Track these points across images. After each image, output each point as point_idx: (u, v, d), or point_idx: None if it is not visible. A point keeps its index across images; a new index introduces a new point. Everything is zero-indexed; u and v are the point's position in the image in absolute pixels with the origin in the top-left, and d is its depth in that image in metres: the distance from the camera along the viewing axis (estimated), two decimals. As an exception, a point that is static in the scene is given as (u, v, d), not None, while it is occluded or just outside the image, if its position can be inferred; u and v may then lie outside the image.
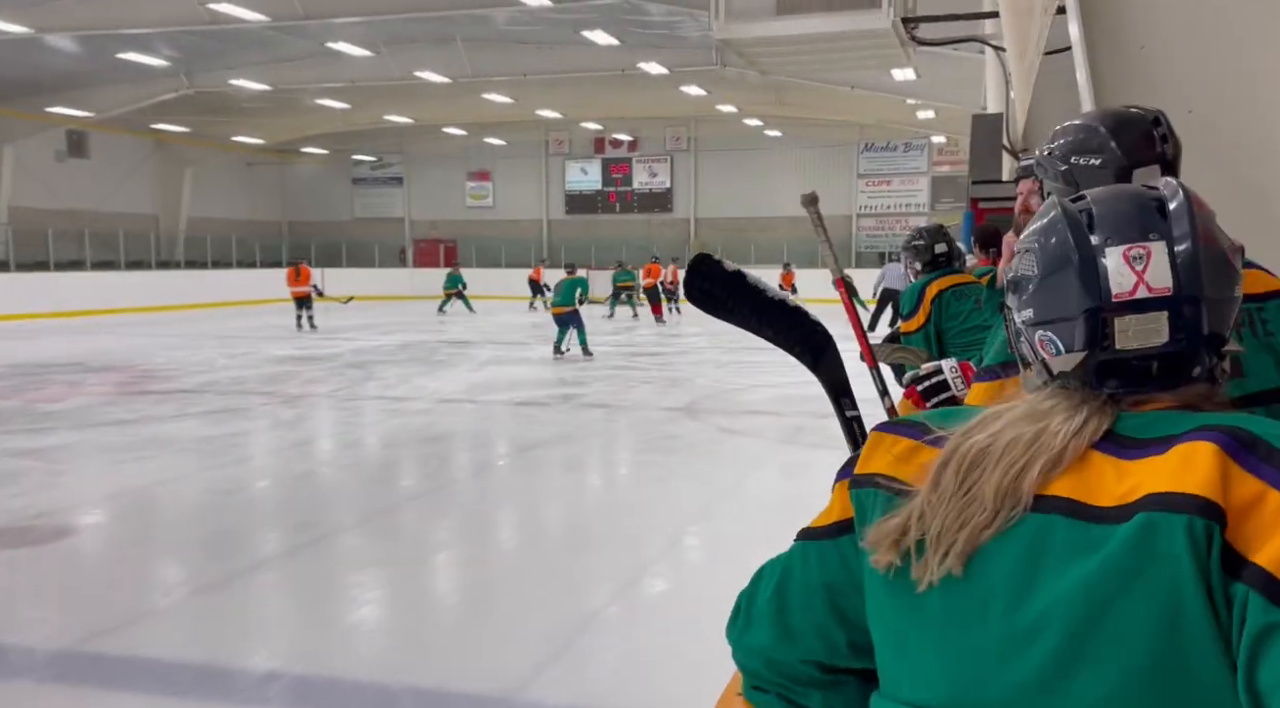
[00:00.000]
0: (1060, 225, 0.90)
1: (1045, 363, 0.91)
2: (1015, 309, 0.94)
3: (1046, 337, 0.90)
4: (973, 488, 0.84)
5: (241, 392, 10.69)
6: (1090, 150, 1.64)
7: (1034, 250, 0.92)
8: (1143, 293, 0.85)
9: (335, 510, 6.00)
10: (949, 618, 0.83)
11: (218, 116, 27.06)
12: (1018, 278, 0.93)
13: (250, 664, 3.64)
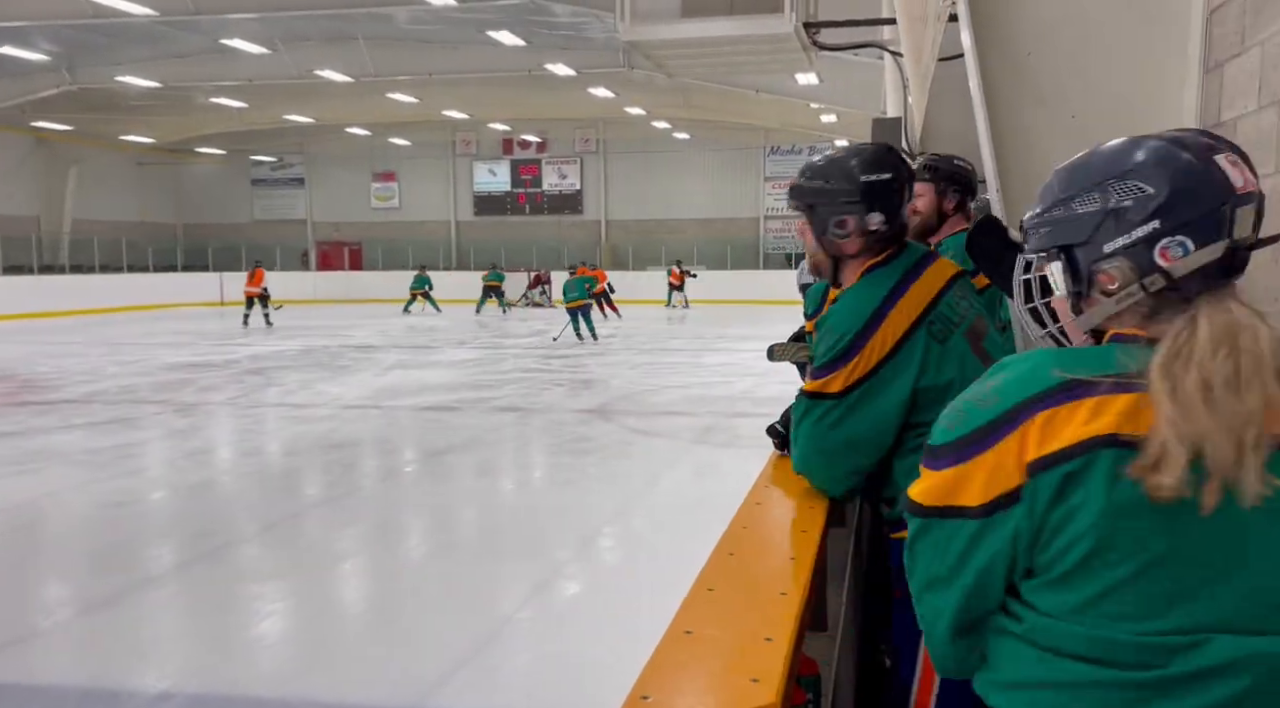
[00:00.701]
0: (1172, 146, 1.03)
1: (1167, 270, 1.01)
2: (1118, 232, 1.03)
3: (1174, 241, 1.01)
4: (1239, 407, 0.92)
5: (132, 401, 10.22)
6: (883, 166, 1.96)
7: (1140, 175, 1.03)
8: (1248, 187, 1.02)
9: (234, 521, 5.79)
10: (1244, 533, 0.94)
11: (104, 114, 25.83)
12: (1118, 207, 1.03)
13: (141, 685, 3.48)
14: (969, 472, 1.01)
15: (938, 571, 1.05)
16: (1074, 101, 3.17)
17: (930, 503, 1.05)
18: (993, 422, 1.00)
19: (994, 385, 1.04)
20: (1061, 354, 1.06)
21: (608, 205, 32.72)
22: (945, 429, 1.05)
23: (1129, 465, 0.93)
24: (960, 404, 1.06)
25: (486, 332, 19.05)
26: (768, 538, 1.77)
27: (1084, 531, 0.95)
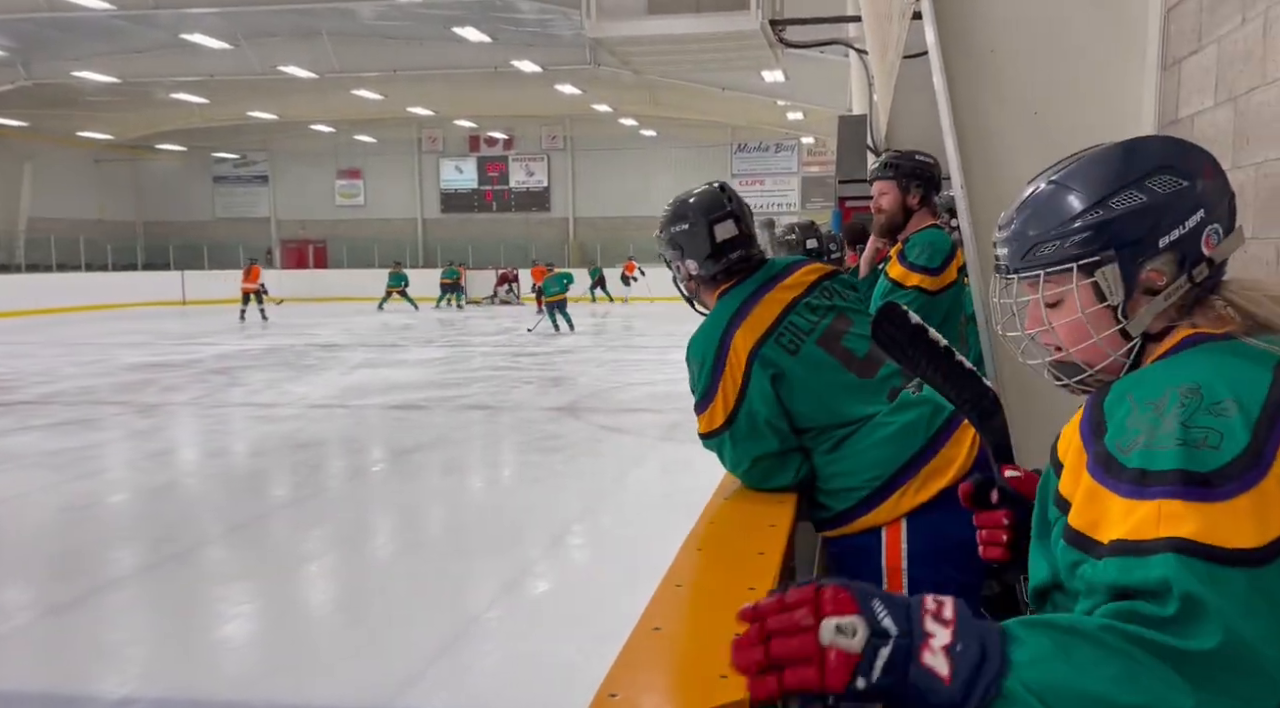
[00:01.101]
0: (1184, 143, 1.08)
1: (1210, 257, 1.02)
2: (1172, 226, 1.01)
3: (1213, 230, 1.02)
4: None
5: (91, 402, 10.03)
6: (681, 218, 2.15)
7: (1172, 168, 1.03)
8: None
9: (198, 523, 5.70)
10: None
11: (60, 110, 25.31)
12: (1158, 202, 1.02)
13: (102, 689, 3.42)
14: (1265, 496, 0.82)
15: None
16: (1036, 99, 3.20)
17: (1260, 543, 0.80)
18: (1260, 421, 0.86)
19: (1199, 391, 0.89)
20: (1187, 355, 0.99)
21: (575, 203, 32.65)
22: (1198, 451, 0.84)
23: None
24: (1179, 421, 0.87)
25: (454, 330, 18.93)
26: (736, 534, 1.78)
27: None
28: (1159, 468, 0.85)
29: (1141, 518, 0.84)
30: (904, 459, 1.91)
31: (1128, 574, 0.82)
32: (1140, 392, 0.94)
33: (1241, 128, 2.28)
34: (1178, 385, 0.91)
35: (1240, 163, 2.30)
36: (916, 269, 2.88)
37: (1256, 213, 2.19)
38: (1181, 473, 0.84)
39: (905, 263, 2.92)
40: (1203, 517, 0.81)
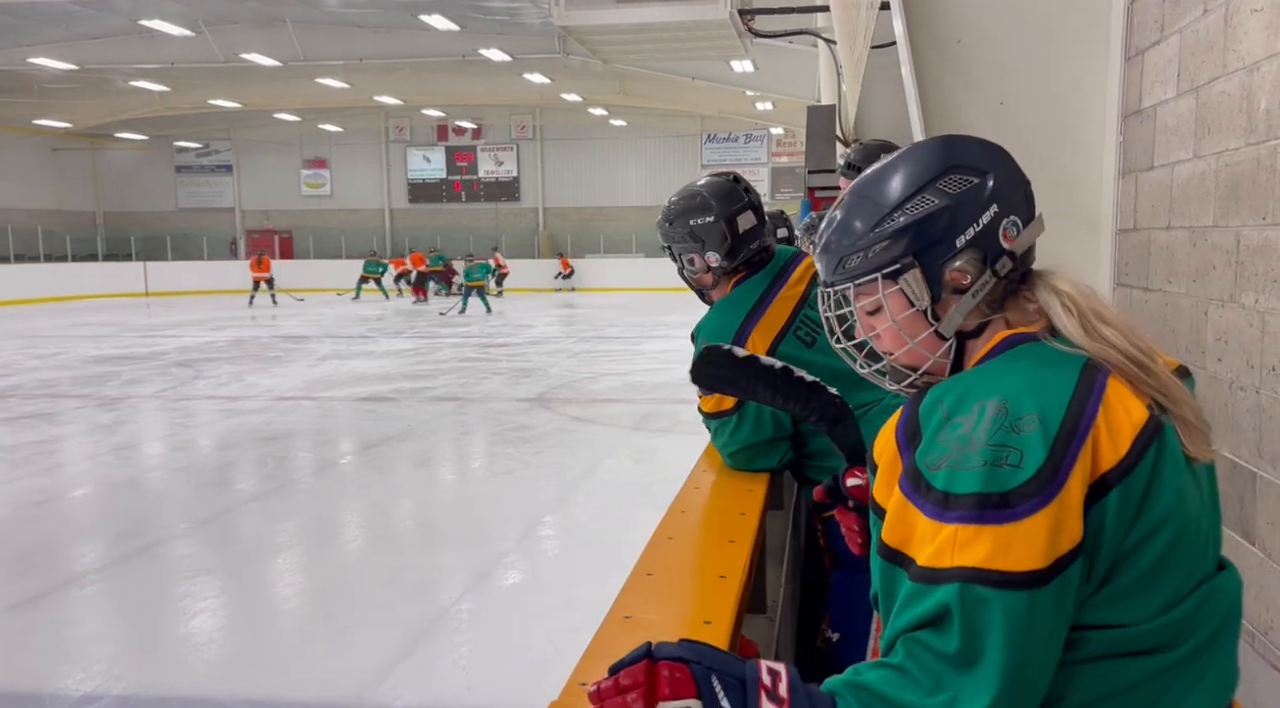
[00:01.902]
0: (970, 140, 1.09)
1: (1009, 251, 1.04)
2: (969, 223, 1.03)
3: (1010, 222, 1.04)
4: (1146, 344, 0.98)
5: (51, 395, 9.85)
6: (704, 210, 2.12)
7: (965, 167, 1.05)
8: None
9: (162, 518, 5.62)
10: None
11: (15, 97, 24.73)
12: (957, 201, 1.03)
13: (64, 687, 3.36)
14: (1064, 507, 0.86)
15: (1053, 643, 0.87)
16: (1002, 88, 3.23)
17: (1043, 565, 0.85)
18: (1059, 436, 0.88)
19: (1004, 406, 0.91)
20: (998, 363, 1.00)
21: (545, 193, 32.50)
22: (996, 470, 0.87)
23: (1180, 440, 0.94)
24: (980, 438, 0.90)
25: (423, 321, 18.80)
26: (706, 522, 1.78)
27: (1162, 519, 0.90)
28: (959, 491, 0.88)
29: (940, 543, 0.87)
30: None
31: (922, 604, 0.87)
32: (950, 401, 0.95)
33: (1203, 117, 2.31)
34: (986, 399, 0.92)
35: (1201, 152, 2.33)
36: None
37: (1218, 201, 2.22)
38: (979, 497, 0.87)
39: None
40: (995, 541, 0.85)
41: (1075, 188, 3.22)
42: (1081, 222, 3.20)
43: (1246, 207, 2.08)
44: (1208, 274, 2.29)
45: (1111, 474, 0.88)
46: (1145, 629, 0.90)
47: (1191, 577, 0.93)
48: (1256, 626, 2.08)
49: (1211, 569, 0.96)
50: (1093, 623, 0.90)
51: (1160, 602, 0.90)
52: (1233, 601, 0.97)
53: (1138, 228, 2.87)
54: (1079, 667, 0.90)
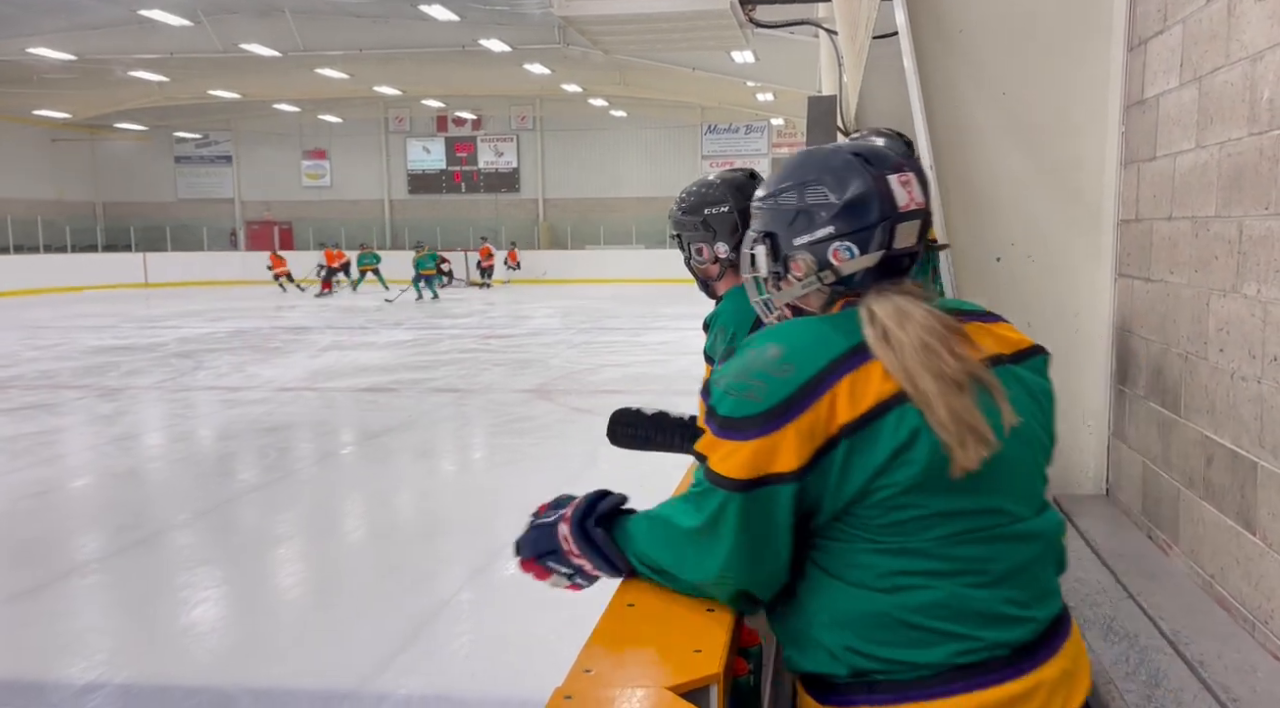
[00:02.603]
0: (855, 162, 1.21)
1: (836, 268, 1.20)
2: (806, 230, 1.22)
3: (843, 246, 1.19)
4: (945, 362, 1.11)
5: (52, 386, 9.85)
6: (719, 201, 2.17)
7: (826, 183, 1.21)
8: (911, 206, 1.20)
9: (164, 508, 5.63)
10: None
11: (15, 88, 24.67)
12: (808, 207, 1.22)
13: (66, 676, 3.37)
14: (782, 440, 1.07)
15: (756, 534, 1.10)
16: (1005, 78, 3.22)
17: (746, 477, 1.08)
18: (802, 388, 1.08)
19: (781, 354, 1.11)
20: (824, 320, 1.19)
21: (545, 184, 32.45)
22: (745, 400, 1.09)
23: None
24: (753, 374, 1.11)
25: (422, 313, 18.79)
26: (708, 511, 1.77)
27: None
28: (716, 407, 1.13)
29: (706, 441, 1.14)
30: None
31: (697, 476, 1.16)
32: (756, 339, 1.18)
33: (1206, 107, 2.31)
34: (770, 343, 1.14)
35: (1204, 142, 2.33)
36: None
37: (1220, 192, 2.22)
38: (724, 418, 1.11)
39: None
40: (726, 451, 1.10)
41: (1077, 178, 3.22)
42: (1083, 212, 3.19)
43: (1249, 197, 2.08)
44: (1210, 265, 2.29)
45: (846, 428, 1.07)
46: (892, 548, 1.09)
47: (947, 517, 1.10)
48: (1256, 615, 2.08)
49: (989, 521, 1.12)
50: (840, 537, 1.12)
51: (897, 520, 1.08)
52: (1019, 534, 1.14)
53: (1139, 218, 2.87)
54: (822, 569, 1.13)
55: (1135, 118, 2.88)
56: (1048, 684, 1.10)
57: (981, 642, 1.07)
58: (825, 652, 1.11)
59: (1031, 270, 3.25)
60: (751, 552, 1.11)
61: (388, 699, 3.16)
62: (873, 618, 1.09)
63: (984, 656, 1.07)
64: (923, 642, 1.07)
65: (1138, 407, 2.89)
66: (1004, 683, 1.07)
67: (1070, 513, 2.98)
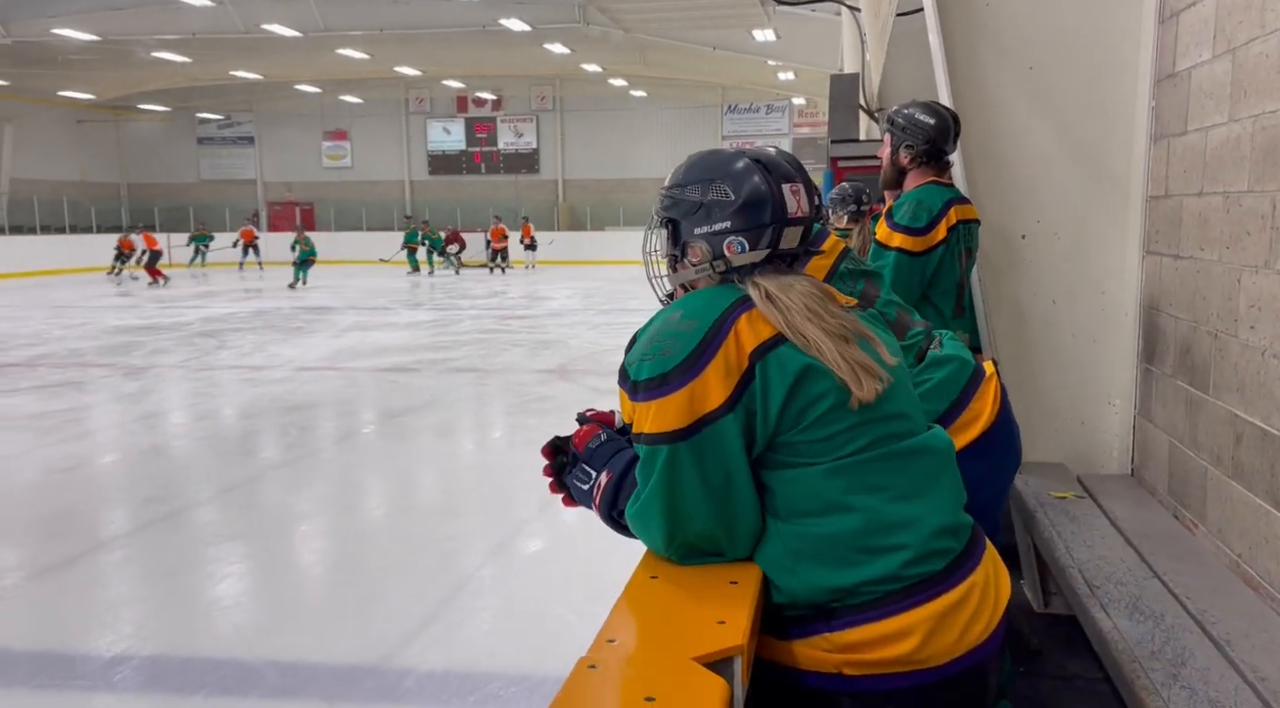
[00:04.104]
0: (754, 169, 1.38)
1: (727, 258, 1.36)
2: (704, 223, 1.38)
3: (736, 241, 1.36)
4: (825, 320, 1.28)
5: (79, 364, 9.97)
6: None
7: (728, 183, 1.37)
8: (798, 213, 1.38)
9: (188, 485, 5.69)
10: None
11: (40, 69, 24.84)
12: (709, 202, 1.38)
13: (95, 649, 3.42)
14: (705, 380, 1.20)
15: (715, 479, 1.21)
16: (1031, 53, 3.17)
17: (685, 423, 1.20)
18: (708, 334, 1.22)
19: (681, 315, 1.27)
20: (711, 288, 1.36)
21: (565, 164, 32.37)
22: (662, 358, 1.23)
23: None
24: (662, 337, 1.26)
25: (443, 293, 18.85)
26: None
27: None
28: (636, 375, 1.26)
29: (638, 416, 1.26)
30: (938, 413, 1.97)
31: (641, 455, 1.27)
32: (654, 319, 1.32)
33: (1239, 80, 2.26)
34: (668, 313, 1.30)
35: (1238, 116, 2.28)
36: (899, 229, 2.80)
37: (1253, 166, 2.18)
38: (647, 381, 1.24)
39: (889, 222, 2.85)
40: (658, 410, 1.22)
41: (1103, 155, 3.17)
42: (1110, 189, 3.15)
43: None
44: (1241, 241, 2.25)
45: (754, 353, 1.22)
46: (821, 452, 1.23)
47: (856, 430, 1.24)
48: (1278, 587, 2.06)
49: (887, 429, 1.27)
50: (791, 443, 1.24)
51: (824, 434, 1.23)
52: (920, 447, 1.29)
53: (1169, 194, 2.82)
54: (784, 474, 1.25)
55: (1166, 91, 2.83)
56: (979, 588, 1.23)
57: (921, 551, 1.20)
58: (783, 592, 1.21)
59: (1057, 247, 3.21)
60: (721, 496, 1.21)
61: (410, 674, 3.19)
62: (819, 544, 1.20)
63: (924, 568, 1.19)
64: (867, 560, 1.18)
65: (1165, 385, 2.85)
66: (945, 594, 1.19)
67: (1094, 492, 2.96)
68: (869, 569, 1.18)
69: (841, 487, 1.21)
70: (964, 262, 2.89)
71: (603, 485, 1.37)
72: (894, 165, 2.95)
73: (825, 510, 1.21)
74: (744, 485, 1.23)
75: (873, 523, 1.20)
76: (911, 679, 1.16)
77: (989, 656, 1.22)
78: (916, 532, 1.21)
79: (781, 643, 1.21)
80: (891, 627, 1.16)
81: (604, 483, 1.37)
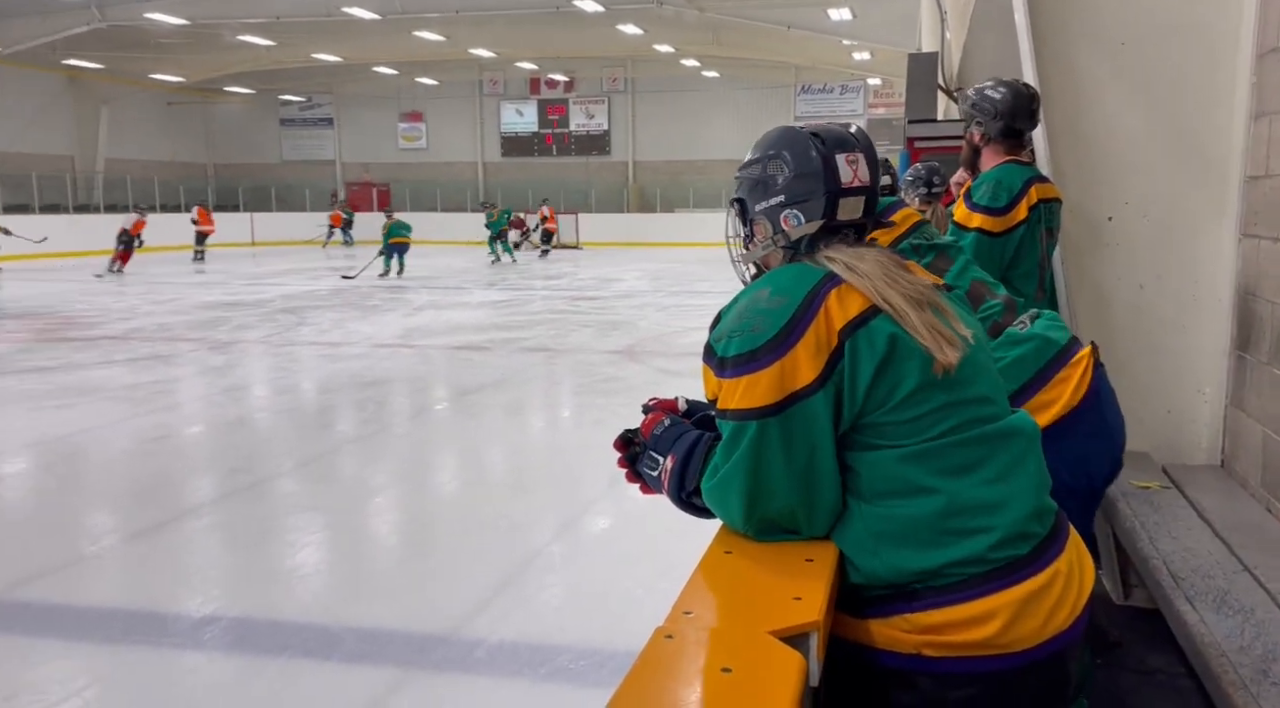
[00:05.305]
0: (806, 140, 1.38)
1: (785, 232, 1.39)
2: (763, 198, 1.40)
3: (791, 213, 1.38)
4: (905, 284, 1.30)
5: (168, 338, 10.37)
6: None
7: (784, 158, 1.39)
8: (855, 183, 1.37)
9: (270, 456, 5.89)
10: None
11: (134, 52, 25.74)
12: (766, 177, 1.40)
13: (185, 609, 3.58)
14: (795, 357, 1.21)
15: (799, 457, 1.21)
16: (1124, 28, 3.06)
17: (774, 400, 1.21)
18: (798, 310, 1.23)
19: (770, 292, 1.28)
20: (793, 265, 1.37)
21: (635, 146, 32.33)
22: (751, 334, 1.24)
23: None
24: (750, 314, 1.26)
25: (515, 274, 19.05)
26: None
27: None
28: (723, 352, 1.27)
29: (724, 392, 1.27)
30: (1009, 393, 1.93)
31: (724, 432, 1.29)
32: (739, 296, 1.34)
33: (1351, 55, 2.15)
34: (755, 290, 1.31)
35: (1348, 92, 2.17)
36: (979, 209, 2.74)
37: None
38: (735, 358, 1.25)
39: (968, 203, 2.79)
40: (747, 386, 1.23)
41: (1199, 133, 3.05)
42: (1205, 169, 3.03)
43: (1397, 149, 1.94)
44: (1348, 224, 2.15)
45: (844, 330, 1.22)
46: (907, 431, 1.23)
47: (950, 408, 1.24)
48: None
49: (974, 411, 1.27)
50: (877, 423, 1.24)
51: (910, 416, 1.23)
52: (1005, 429, 1.29)
53: (1269, 174, 2.71)
54: (868, 455, 1.25)
55: (1269, 67, 2.71)
56: (1063, 574, 1.21)
57: (1007, 534, 1.19)
58: (861, 572, 1.22)
59: (1146, 230, 3.11)
60: (804, 474, 1.22)
61: (481, 645, 3.27)
62: (903, 526, 1.19)
63: (1009, 551, 1.18)
64: (951, 543, 1.18)
65: (1260, 374, 2.75)
66: (1030, 578, 1.18)
67: (1181, 483, 2.87)
68: (953, 551, 1.18)
69: (926, 469, 1.21)
70: (1045, 242, 2.81)
71: (669, 469, 1.40)
72: (969, 143, 2.90)
73: (909, 492, 1.21)
74: (827, 464, 1.23)
75: (956, 505, 1.19)
76: (993, 664, 1.15)
77: (1071, 643, 1.21)
78: (1003, 515, 1.20)
79: (857, 621, 1.21)
80: (974, 610, 1.15)
81: (670, 467, 1.40)
